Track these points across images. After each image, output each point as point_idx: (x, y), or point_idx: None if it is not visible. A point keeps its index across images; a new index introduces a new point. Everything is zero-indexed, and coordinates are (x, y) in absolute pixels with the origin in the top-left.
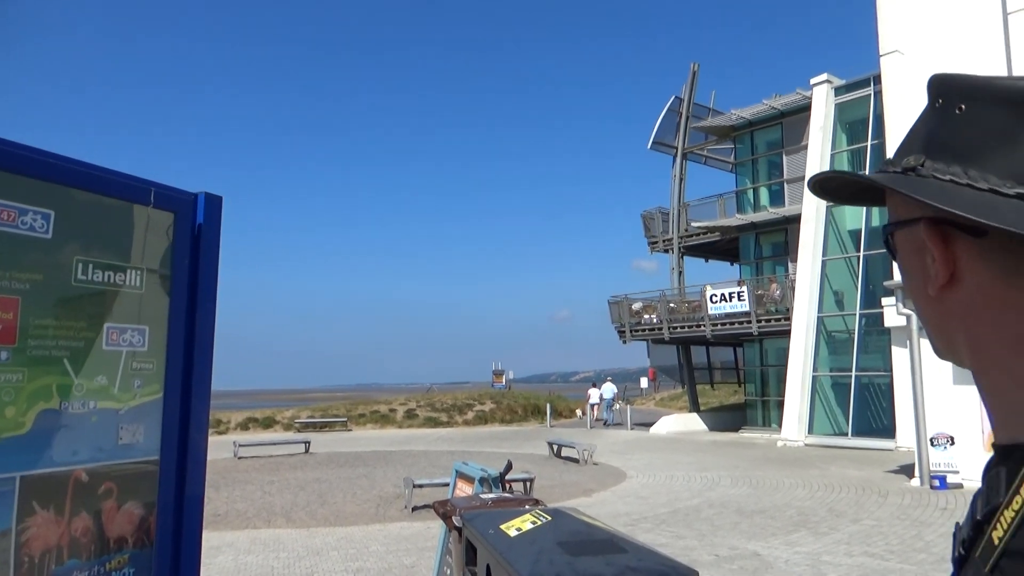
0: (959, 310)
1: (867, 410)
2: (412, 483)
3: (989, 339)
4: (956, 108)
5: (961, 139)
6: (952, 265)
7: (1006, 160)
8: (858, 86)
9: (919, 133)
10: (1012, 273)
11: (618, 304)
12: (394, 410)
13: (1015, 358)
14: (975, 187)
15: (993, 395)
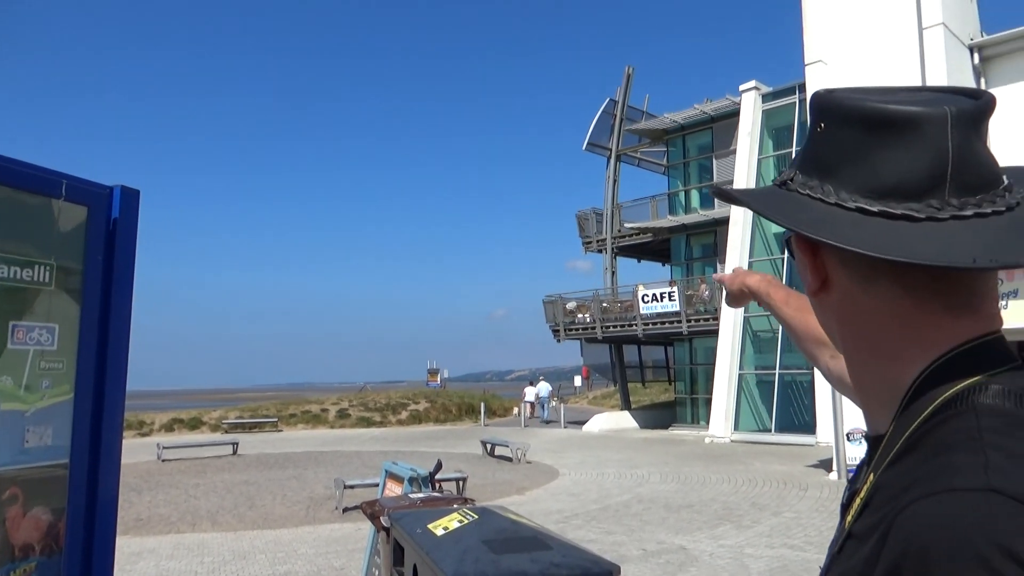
0: (832, 314)
1: (790, 407)
2: (343, 484)
3: (855, 342)
4: (819, 125)
5: (822, 154)
6: (823, 272)
7: (855, 175)
8: (784, 94)
9: (800, 149)
10: (866, 279)
11: (553, 303)
12: (326, 410)
13: (872, 359)
14: (825, 201)
15: (859, 392)
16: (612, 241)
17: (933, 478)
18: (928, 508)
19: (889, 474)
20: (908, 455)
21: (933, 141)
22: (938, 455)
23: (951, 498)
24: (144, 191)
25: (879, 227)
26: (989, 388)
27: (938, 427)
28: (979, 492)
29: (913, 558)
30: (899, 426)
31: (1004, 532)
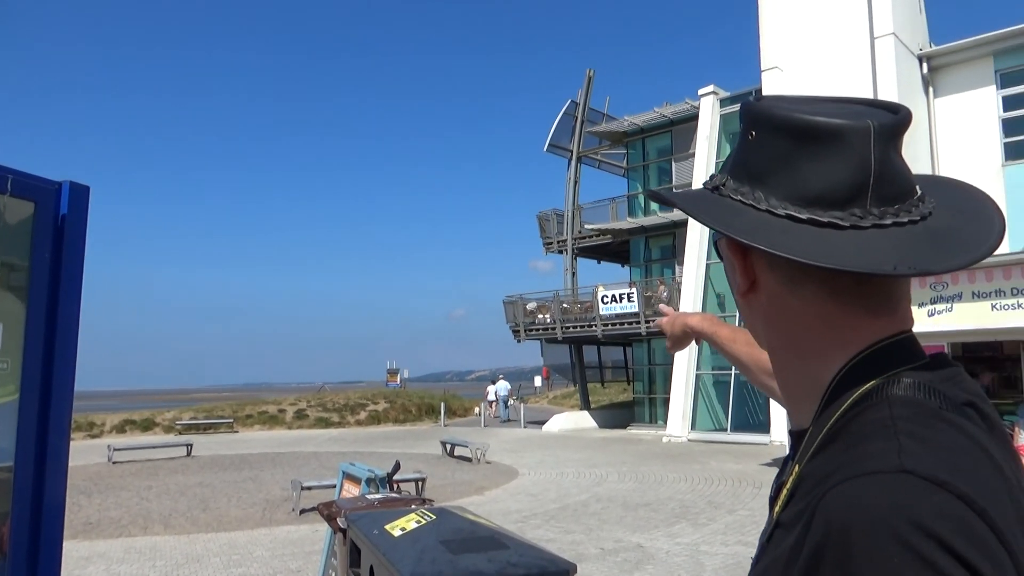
0: (760, 314)
1: (745, 406)
2: (300, 485)
3: (779, 340)
4: (750, 134)
5: (752, 162)
6: (752, 274)
7: (783, 183)
8: (741, 98)
9: (731, 155)
10: (792, 283)
11: (513, 304)
12: (283, 410)
13: (795, 358)
14: (756, 207)
15: (783, 390)
16: (573, 242)
17: (851, 464)
18: (847, 491)
19: (812, 465)
20: (829, 446)
21: (857, 153)
22: (856, 444)
23: (868, 481)
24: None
25: (808, 234)
26: (901, 381)
27: (855, 418)
28: (893, 474)
29: (835, 539)
30: (820, 420)
31: (918, 510)
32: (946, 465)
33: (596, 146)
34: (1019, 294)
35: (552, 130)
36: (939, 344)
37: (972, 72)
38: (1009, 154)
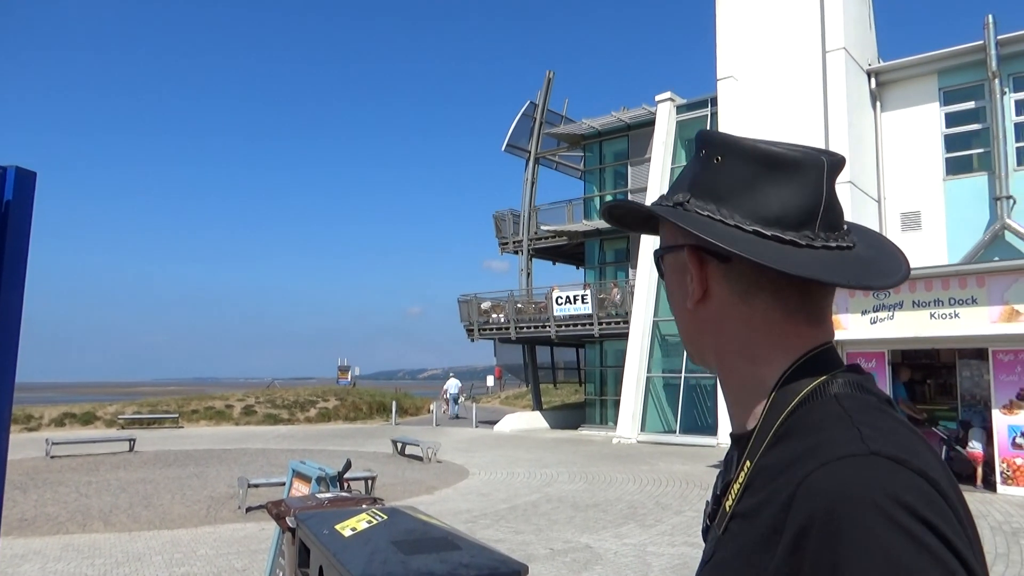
0: (709, 321)
1: (693, 409)
2: (247, 483)
3: (728, 346)
4: (715, 159)
5: (717, 184)
6: (705, 284)
7: (747, 203)
8: (697, 106)
9: (687, 175)
10: (746, 293)
11: (467, 303)
12: (231, 406)
13: (743, 363)
14: (725, 223)
15: (729, 394)
16: (528, 243)
17: (820, 451)
18: (826, 475)
19: (768, 458)
20: (784, 440)
21: (812, 183)
22: (816, 433)
23: (843, 464)
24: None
25: (772, 248)
26: (836, 381)
27: (807, 414)
28: (864, 457)
29: (820, 519)
30: (768, 418)
31: (892, 485)
32: (900, 447)
33: (554, 148)
34: (956, 304)
35: (510, 130)
36: (880, 351)
37: (917, 89)
38: (950, 169)
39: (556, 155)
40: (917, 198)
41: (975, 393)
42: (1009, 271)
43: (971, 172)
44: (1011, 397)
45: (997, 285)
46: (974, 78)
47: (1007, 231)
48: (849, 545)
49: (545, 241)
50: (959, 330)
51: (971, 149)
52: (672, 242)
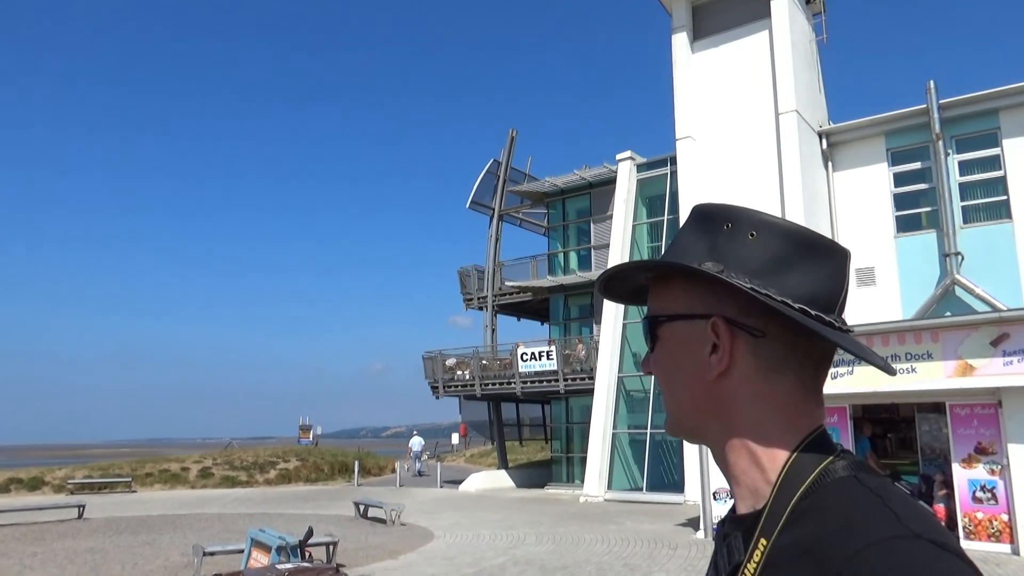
0: (724, 398)
1: (660, 466)
2: (202, 550)
3: (741, 424)
4: (749, 234)
5: (752, 259)
6: (731, 358)
7: (783, 281)
8: (657, 165)
9: (701, 246)
10: (772, 371)
11: (432, 359)
12: (187, 468)
13: (756, 442)
14: (773, 297)
15: (735, 473)
16: (493, 299)
17: (860, 531)
18: (877, 555)
19: (789, 536)
20: (804, 519)
21: (841, 268)
22: (849, 513)
23: (893, 545)
24: None
25: (824, 326)
26: (839, 463)
27: (828, 494)
28: (910, 539)
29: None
30: (780, 497)
31: (939, 569)
32: (937, 529)
33: (517, 205)
34: (912, 359)
35: (475, 188)
36: (842, 405)
37: (866, 149)
38: (900, 227)
39: (520, 212)
40: (870, 254)
41: (935, 447)
42: (961, 326)
43: (921, 229)
44: (969, 451)
45: (951, 340)
46: (919, 140)
47: (957, 286)
48: None
49: (510, 297)
50: (916, 384)
51: (920, 207)
52: (688, 309)
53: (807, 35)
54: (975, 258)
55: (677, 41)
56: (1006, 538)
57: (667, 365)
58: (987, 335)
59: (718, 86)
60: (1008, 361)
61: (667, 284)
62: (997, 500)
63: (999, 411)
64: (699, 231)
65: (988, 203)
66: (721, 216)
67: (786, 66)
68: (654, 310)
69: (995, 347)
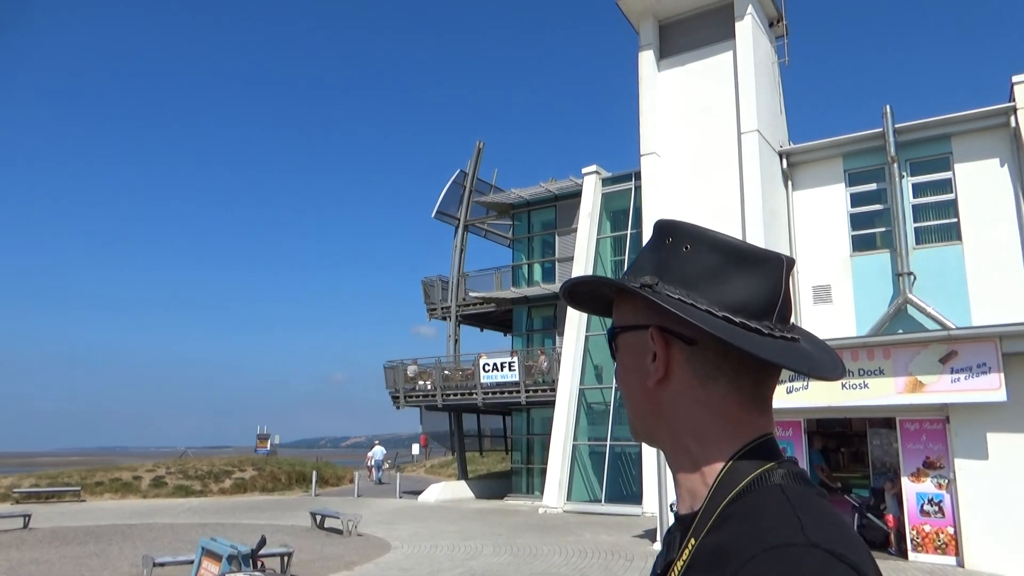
0: (666, 403)
1: (619, 477)
2: (152, 561)
3: (682, 429)
4: (684, 247)
5: (686, 271)
6: (667, 365)
7: (715, 291)
8: (622, 179)
9: (649, 261)
10: (707, 377)
11: (394, 369)
12: (139, 477)
13: (695, 446)
14: (696, 306)
15: (678, 474)
16: (456, 309)
17: (760, 537)
18: (764, 562)
19: (712, 538)
20: (728, 523)
21: (774, 277)
22: (759, 519)
23: (781, 553)
24: None
25: (740, 333)
26: (778, 472)
27: (753, 499)
28: (804, 547)
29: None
30: (713, 500)
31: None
32: (837, 538)
33: (483, 216)
34: (865, 375)
35: (440, 198)
36: (797, 419)
37: (824, 170)
38: (856, 246)
39: (485, 223)
40: (827, 273)
41: (885, 461)
42: (911, 344)
43: (875, 249)
44: (918, 465)
45: (902, 357)
46: (875, 162)
47: (909, 305)
48: None
49: (473, 308)
50: (868, 400)
51: (875, 227)
52: (634, 321)
53: (770, 57)
54: (926, 278)
55: (644, 59)
56: (951, 551)
57: (622, 374)
58: (937, 353)
59: (683, 104)
60: (956, 378)
61: (623, 298)
62: (944, 513)
63: (947, 427)
64: (651, 246)
65: (939, 225)
66: (666, 231)
67: (749, 87)
68: (615, 322)
69: (944, 364)
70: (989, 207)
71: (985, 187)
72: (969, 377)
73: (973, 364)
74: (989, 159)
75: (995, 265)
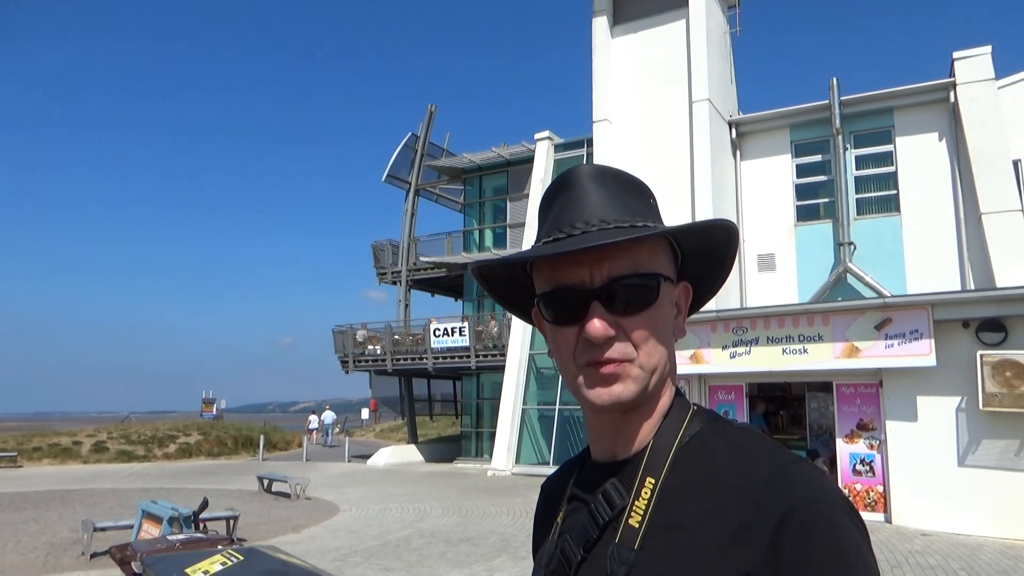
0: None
1: (567, 440)
2: (92, 526)
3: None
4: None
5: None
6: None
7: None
8: (574, 146)
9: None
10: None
11: (343, 334)
12: (79, 442)
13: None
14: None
15: (633, 423)
16: (407, 274)
17: (761, 458)
18: (792, 473)
19: (682, 472)
20: (694, 455)
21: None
22: (738, 447)
23: (799, 467)
24: None
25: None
26: (700, 412)
27: (709, 436)
28: (802, 462)
29: (801, 509)
30: (661, 438)
31: (827, 483)
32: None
33: (434, 180)
34: (805, 340)
35: (391, 161)
36: (739, 384)
37: (772, 140)
38: (800, 215)
39: (436, 187)
40: (772, 241)
41: (822, 423)
42: (849, 311)
43: (818, 219)
44: (852, 427)
45: (839, 324)
46: (821, 134)
47: (849, 274)
48: (829, 529)
49: (424, 272)
50: (807, 365)
51: (818, 198)
52: (671, 273)
53: (722, 27)
54: (866, 248)
55: (597, 25)
56: (880, 508)
57: (660, 326)
58: (872, 320)
59: (635, 71)
60: (890, 344)
61: (659, 244)
62: (874, 473)
63: (880, 391)
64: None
65: (880, 196)
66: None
67: (701, 56)
68: (647, 268)
69: (879, 331)
70: (927, 180)
71: (924, 161)
72: (902, 343)
73: (906, 331)
74: (929, 133)
75: (930, 236)
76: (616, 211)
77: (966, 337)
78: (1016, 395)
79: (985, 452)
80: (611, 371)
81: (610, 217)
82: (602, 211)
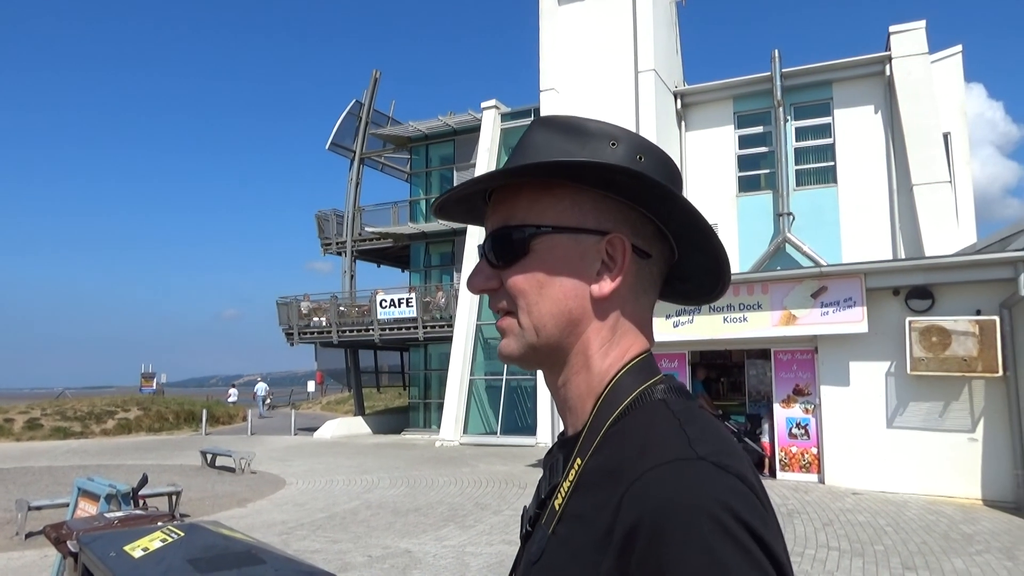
0: (596, 314)
1: (514, 410)
2: (27, 505)
3: (594, 343)
4: (611, 144)
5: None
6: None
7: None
8: (521, 115)
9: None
10: (643, 291)
11: (287, 305)
12: (11, 419)
13: (598, 361)
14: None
15: (572, 395)
16: (352, 244)
17: (649, 454)
18: (654, 478)
19: (598, 458)
20: (614, 440)
21: None
22: (647, 435)
23: (670, 468)
24: None
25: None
26: (659, 387)
27: (637, 415)
28: (691, 461)
29: (648, 522)
30: (598, 417)
31: (716, 489)
32: (723, 451)
33: (380, 149)
34: (745, 309)
35: (335, 129)
36: (682, 352)
37: (715, 111)
38: (742, 186)
39: (382, 156)
40: (715, 211)
41: (760, 390)
42: (787, 279)
43: (759, 190)
44: (788, 392)
45: (778, 292)
46: (763, 105)
47: (787, 244)
48: (676, 546)
49: (370, 243)
50: (747, 332)
51: (759, 169)
52: (580, 223)
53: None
54: (804, 218)
55: None
56: (814, 469)
57: (540, 280)
58: (809, 288)
59: (582, 40)
60: (825, 312)
61: (550, 192)
62: (809, 436)
63: (815, 356)
64: (571, 139)
65: (818, 168)
66: (585, 129)
67: (647, 25)
68: (526, 219)
69: (815, 299)
70: (862, 152)
71: (860, 133)
72: (837, 310)
73: (840, 299)
74: (865, 106)
75: (865, 207)
76: (541, 157)
77: (896, 304)
78: (940, 359)
79: (912, 414)
80: (500, 326)
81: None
82: (531, 158)
